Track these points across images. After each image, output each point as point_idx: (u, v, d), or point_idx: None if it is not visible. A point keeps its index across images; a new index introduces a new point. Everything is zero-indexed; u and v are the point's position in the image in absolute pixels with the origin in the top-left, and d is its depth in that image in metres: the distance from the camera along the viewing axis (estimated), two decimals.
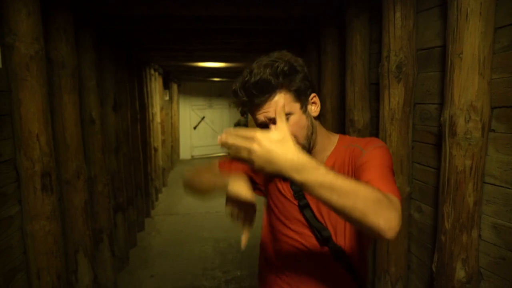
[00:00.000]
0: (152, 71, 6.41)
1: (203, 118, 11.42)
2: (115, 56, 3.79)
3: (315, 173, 0.77)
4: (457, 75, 1.51)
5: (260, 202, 1.21)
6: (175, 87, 9.84)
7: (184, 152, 11.05)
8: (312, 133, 1.10)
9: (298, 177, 0.77)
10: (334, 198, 0.77)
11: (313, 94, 1.10)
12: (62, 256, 2.19)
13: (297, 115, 1.05)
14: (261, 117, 1.03)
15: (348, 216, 0.80)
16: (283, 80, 1.01)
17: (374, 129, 2.45)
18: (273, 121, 1.01)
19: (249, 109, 1.08)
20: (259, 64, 1.02)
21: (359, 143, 1.12)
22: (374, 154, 1.05)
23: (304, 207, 1.15)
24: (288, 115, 1.03)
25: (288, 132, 0.80)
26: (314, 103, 1.11)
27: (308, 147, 1.10)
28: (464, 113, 1.50)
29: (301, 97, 1.06)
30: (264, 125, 1.05)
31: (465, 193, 1.53)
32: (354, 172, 1.07)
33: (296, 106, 1.05)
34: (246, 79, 1.02)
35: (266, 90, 1.00)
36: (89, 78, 2.94)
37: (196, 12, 3.01)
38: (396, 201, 0.87)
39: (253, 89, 1.00)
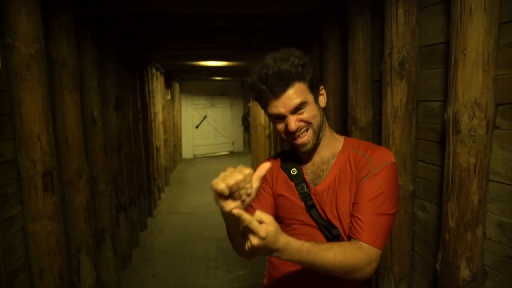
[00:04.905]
0: (154, 70, 6.40)
1: (205, 117, 11.42)
2: (116, 55, 3.78)
3: (298, 255, 0.93)
4: (461, 71, 1.49)
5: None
6: (177, 86, 9.84)
7: (187, 151, 11.06)
8: (323, 122, 1.15)
9: (284, 257, 0.92)
10: (315, 269, 0.98)
11: (321, 86, 1.17)
12: (64, 256, 2.19)
13: (312, 105, 1.11)
14: (280, 108, 1.07)
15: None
16: (300, 70, 1.07)
17: (376, 127, 2.43)
18: (293, 111, 1.07)
19: (265, 102, 1.10)
20: (274, 58, 1.07)
21: (367, 152, 1.14)
22: (379, 179, 1.08)
23: (311, 207, 1.15)
24: (304, 103, 1.08)
25: (271, 226, 0.87)
26: (321, 94, 1.17)
27: (319, 135, 1.15)
28: (468, 110, 1.48)
29: (314, 89, 1.12)
30: (280, 117, 1.10)
31: (470, 191, 1.51)
32: (357, 182, 1.11)
33: (311, 97, 1.11)
34: (264, 71, 1.06)
35: (285, 79, 1.05)
36: (90, 77, 2.93)
37: (197, 10, 3.00)
38: (374, 255, 1.04)
39: (273, 78, 1.04)
